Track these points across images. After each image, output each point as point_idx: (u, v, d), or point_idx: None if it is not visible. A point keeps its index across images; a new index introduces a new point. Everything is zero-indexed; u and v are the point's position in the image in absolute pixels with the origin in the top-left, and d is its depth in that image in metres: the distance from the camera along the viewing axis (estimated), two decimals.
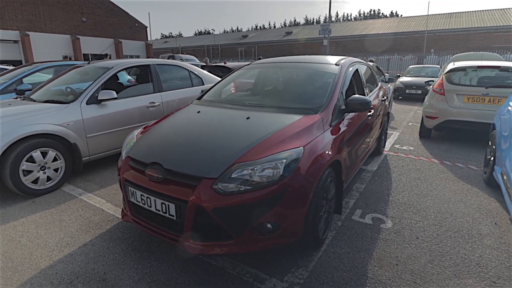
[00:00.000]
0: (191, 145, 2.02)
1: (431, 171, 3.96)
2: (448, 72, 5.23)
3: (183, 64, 5.04)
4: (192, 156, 1.92)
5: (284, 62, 3.28)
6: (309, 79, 2.89)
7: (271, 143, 1.96)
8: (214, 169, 1.80)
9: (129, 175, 2.08)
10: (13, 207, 2.97)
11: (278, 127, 2.13)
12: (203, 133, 2.16)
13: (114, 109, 3.76)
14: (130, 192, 2.07)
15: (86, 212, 2.84)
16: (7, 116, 3.03)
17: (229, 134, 2.10)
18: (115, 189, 3.35)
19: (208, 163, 1.84)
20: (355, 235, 2.49)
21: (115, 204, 3.00)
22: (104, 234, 2.47)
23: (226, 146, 1.95)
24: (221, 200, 1.73)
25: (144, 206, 1.99)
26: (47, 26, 21.51)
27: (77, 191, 3.32)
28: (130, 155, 2.17)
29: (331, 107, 2.47)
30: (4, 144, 2.86)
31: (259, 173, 1.79)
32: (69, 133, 3.33)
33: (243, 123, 2.25)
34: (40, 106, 3.33)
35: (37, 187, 3.15)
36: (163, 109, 4.36)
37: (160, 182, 1.89)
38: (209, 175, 1.78)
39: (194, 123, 2.36)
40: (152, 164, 1.97)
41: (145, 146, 2.18)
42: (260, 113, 2.42)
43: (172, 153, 1.97)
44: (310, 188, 1.90)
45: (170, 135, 2.21)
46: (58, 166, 3.30)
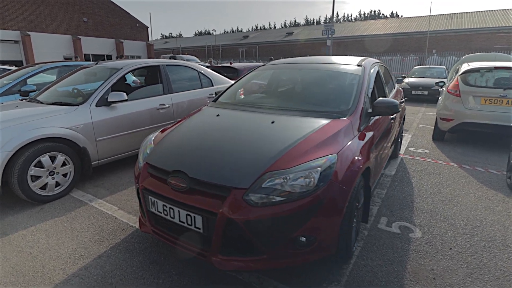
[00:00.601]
0: (216, 152, 1.88)
1: (451, 175, 3.84)
2: (464, 73, 5.10)
3: (192, 64, 4.91)
4: (218, 164, 1.78)
5: (303, 63, 3.15)
6: (332, 80, 2.76)
7: (302, 150, 1.83)
8: (244, 179, 1.67)
9: (149, 184, 1.95)
10: (21, 214, 2.83)
11: (307, 132, 2.00)
12: (227, 138, 2.03)
13: (124, 112, 3.63)
14: (150, 202, 1.93)
15: (98, 220, 2.70)
16: (14, 119, 2.89)
17: (256, 139, 1.97)
18: (127, 195, 3.21)
19: (237, 172, 1.71)
20: (384, 245, 2.35)
21: (128, 211, 2.86)
22: (119, 245, 2.34)
23: (254, 153, 1.82)
24: (253, 212, 1.60)
25: (166, 217, 1.85)
26: (48, 26, 21.36)
27: (87, 197, 3.18)
28: (150, 162, 2.03)
29: (358, 111, 2.34)
30: (12, 149, 2.72)
31: (292, 183, 1.66)
32: (78, 137, 3.19)
33: (268, 128, 2.11)
34: (48, 109, 3.19)
35: (45, 193, 3.02)
36: (173, 111, 4.23)
37: (184, 192, 1.76)
38: (240, 185, 1.65)
39: (215, 127, 2.23)
40: (175, 172, 1.84)
41: (166, 152, 2.04)
42: (284, 116, 2.29)
43: (197, 161, 1.84)
44: (346, 197, 1.77)
45: (192, 141, 2.08)
46: (67, 171, 3.16)
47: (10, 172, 2.77)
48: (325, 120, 2.18)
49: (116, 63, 4.08)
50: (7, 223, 2.67)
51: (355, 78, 2.69)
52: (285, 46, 41.41)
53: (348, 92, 2.54)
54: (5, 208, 2.95)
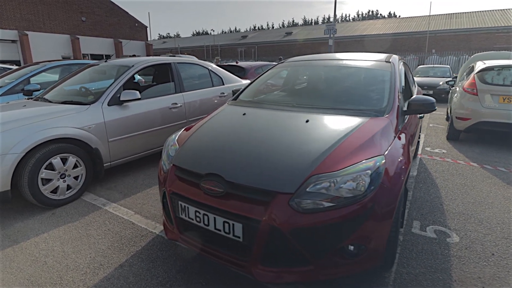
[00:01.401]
0: (252, 154, 1.74)
1: (474, 176, 3.71)
2: (481, 71, 4.99)
3: (203, 63, 4.75)
4: (258, 166, 1.64)
5: (327, 60, 3.01)
6: (362, 77, 2.63)
7: (346, 151, 1.69)
8: (289, 182, 1.52)
9: (178, 188, 1.80)
10: (31, 220, 2.66)
11: (347, 132, 1.86)
12: (261, 139, 1.88)
13: (136, 111, 3.47)
14: (180, 207, 1.78)
15: (115, 226, 2.54)
16: (23, 119, 2.73)
17: (294, 140, 1.82)
18: (141, 198, 3.05)
19: (280, 175, 1.56)
20: (422, 251, 2.22)
21: (145, 215, 2.71)
22: (140, 253, 2.18)
23: (296, 155, 1.67)
24: (300, 219, 1.45)
25: (199, 225, 1.70)
26: (46, 26, 21.09)
27: (100, 200, 3.02)
28: (177, 164, 1.88)
29: (395, 109, 2.21)
30: (22, 150, 2.55)
31: (339, 187, 1.51)
32: (91, 137, 3.03)
33: (304, 127, 1.97)
34: (59, 108, 3.03)
35: (56, 197, 2.85)
36: (185, 110, 4.07)
37: (220, 197, 1.61)
38: (285, 190, 1.50)
39: (246, 127, 2.08)
40: (209, 175, 1.69)
41: (195, 154, 1.89)
42: (317, 115, 2.14)
43: (233, 163, 1.69)
44: (395, 201, 1.63)
45: (223, 142, 1.93)
46: (78, 173, 3.00)
47: (19, 175, 2.60)
48: (363, 119, 2.04)
49: (126, 60, 3.92)
50: (17, 230, 2.51)
51: (386, 75, 2.56)
52: (284, 46, 41.30)
53: (381, 90, 2.41)
54: (14, 213, 2.79)
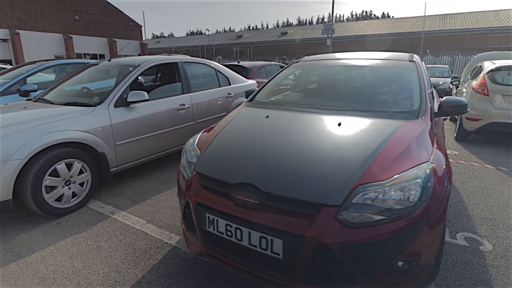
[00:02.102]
0: (287, 161, 1.59)
1: (492, 178, 3.62)
2: (491, 72, 4.93)
3: (210, 62, 4.59)
4: (296, 175, 1.49)
5: (347, 59, 2.87)
6: (389, 77, 2.50)
7: (389, 158, 1.55)
8: (335, 194, 1.38)
9: (204, 198, 1.64)
10: (34, 231, 2.47)
11: (385, 136, 1.72)
12: (293, 143, 1.73)
13: (143, 113, 3.29)
14: (207, 220, 1.62)
15: (127, 237, 2.37)
16: (26, 122, 2.53)
17: (330, 145, 1.68)
18: (152, 206, 2.88)
19: (324, 185, 1.42)
20: (457, 261, 2.10)
21: (158, 225, 2.54)
22: (158, 267, 2.02)
23: (336, 162, 1.53)
24: (350, 235, 1.31)
25: (231, 239, 1.55)
26: (39, 25, 20.61)
27: (107, 208, 2.84)
28: (202, 172, 1.72)
29: (428, 111, 2.08)
30: (25, 156, 2.36)
31: (388, 198, 1.38)
32: (97, 141, 2.84)
33: (337, 131, 1.83)
34: (63, 110, 2.83)
35: (61, 205, 2.66)
36: (192, 112, 3.91)
37: (256, 210, 1.46)
38: (331, 202, 1.36)
39: (274, 131, 1.93)
40: (241, 185, 1.53)
41: (221, 160, 1.73)
42: (348, 117, 2.00)
43: (268, 172, 1.54)
44: (444, 212, 1.50)
45: (252, 147, 1.77)
46: (84, 179, 2.81)
47: (22, 183, 2.41)
48: (398, 122, 1.91)
49: (131, 59, 3.74)
50: (20, 242, 2.32)
51: (413, 75, 2.44)
52: (280, 46, 41.23)
53: (410, 90, 2.28)
54: (16, 224, 2.59)
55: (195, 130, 3.99)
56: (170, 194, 3.13)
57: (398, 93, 2.30)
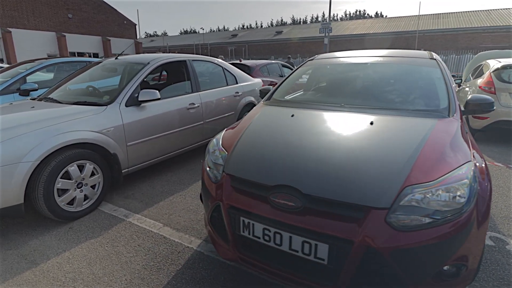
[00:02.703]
0: (326, 161, 1.52)
1: (504, 176, 3.62)
2: (497, 70, 4.94)
3: (217, 60, 4.50)
4: (338, 176, 1.42)
5: (365, 57, 2.82)
6: (412, 75, 2.45)
7: (431, 158, 1.50)
8: (382, 195, 1.32)
9: (238, 201, 1.56)
10: (47, 236, 2.37)
11: (422, 136, 1.67)
12: (328, 143, 1.67)
13: (154, 112, 3.19)
14: (241, 224, 1.55)
15: (145, 241, 2.28)
16: (36, 122, 2.42)
17: (367, 145, 1.62)
18: (166, 208, 2.79)
19: (370, 186, 1.36)
20: (487, 261, 2.06)
21: (175, 228, 2.45)
22: (182, 273, 1.94)
23: (378, 163, 1.47)
24: (402, 239, 1.25)
25: (268, 244, 1.48)
26: (31, 23, 20.17)
27: (120, 211, 2.74)
28: (234, 174, 1.65)
29: (458, 109, 2.04)
30: (37, 158, 2.26)
31: (436, 199, 1.32)
32: (109, 142, 2.74)
33: (370, 130, 1.77)
34: (73, 109, 2.72)
35: (73, 209, 2.56)
36: (202, 111, 3.82)
37: (298, 213, 1.39)
38: (380, 204, 1.30)
39: (305, 130, 1.86)
40: (278, 187, 1.46)
41: (254, 161, 1.66)
42: (379, 116, 1.95)
43: (308, 173, 1.47)
44: (488, 212, 1.46)
45: (284, 147, 1.70)
46: (95, 182, 2.71)
47: (33, 186, 2.30)
48: (431, 120, 1.86)
49: (140, 57, 3.63)
50: (33, 249, 2.21)
51: (437, 72, 2.40)
52: (275, 45, 41.18)
53: (436, 88, 2.24)
54: (26, 228, 2.48)
55: (204, 130, 3.91)
56: (183, 195, 3.05)
57: (424, 91, 2.25)
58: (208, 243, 2.24)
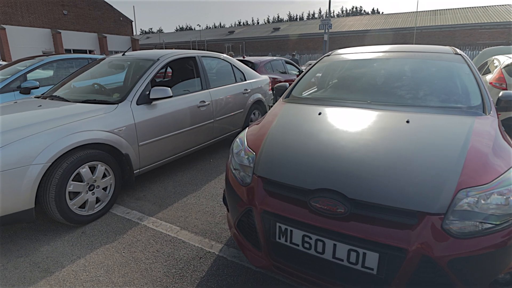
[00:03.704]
0: (368, 163, 1.42)
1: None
2: (508, 66, 4.88)
3: (226, 56, 4.38)
4: (386, 179, 1.33)
5: (387, 52, 2.72)
6: (440, 71, 2.35)
7: (480, 158, 1.41)
8: (436, 200, 1.23)
9: (274, 206, 1.46)
10: (59, 242, 2.25)
11: (465, 135, 1.58)
12: (367, 143, 1.57)
13: (165, 110, 3.07)
14: (277, 230, 1.45)
15: (164, 246, 2.17)
16: (46, 122, 2.29)
17: (406, 145, 1.53)
18: (181, 210, 2.68)
19: (421, 190, 1.26)
20: None
21: (194, 231, 2.35)
22: (207, 280, 1.84)
23: (425, 164, 1.38)
24: (460, 246, 1.17)
25: (308, 252, 1.38)
26: (25, 19, 19.78)
27: (133, 214, 2.63)
28: (266, 176, 1.55)
29: (492, 106, 1.96)
30: (48, 160, 2.13)
31: (492, 203, 1.24)
32: (121, 142, 2.62)
33: (408, 129, 1.67)
34: (83, 108, 2.60)
35: (84, 212, 2.44)
36: (212, 109, 3.70)
37: (342, 219, 1.30)
38: (434, 210, 1.21)
39: (336, 129, 1.76)
40: (319, 191, 1.36)
41: (288, 163, 1.56)
42: (414, 114, 1.85)
43: (351, 175, 1.37)
44: None
45: (320, 148, 1.59)
46: (107, 183, 2.59)
47: (44, 189, 2.18)
48: (469, 118, 1.77)
49: (149, 53, 3.50)
50: (45, 256, 2.09)
51: (465, 68, 2.31)
52: (272, 41, 40.98)
53: (467, 84, 2.15)
54: (36, 233, 2.36)
55: (214, 129, 3.80)
56: (197, 197, 2.94)
57: (455, 87, 2.16)
58: (230, 248, 2.14)
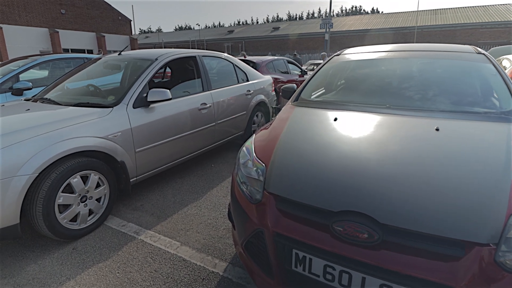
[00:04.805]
0: (399, 181, 1.23)
1: None
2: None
3: (227, 56, 4.18)
4: (423, 201, 1.13)
5: (401, 51, 2.53)
6: (462, 71, 2.16)
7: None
8: (486, 227, 1.03)
9: (288, 229, 1.27)
10: (47, 259, 2.05)
11: (503, 144, 1.39)
12: (395, 156, 1.37)
13: (164, 114, 2.87)
14: (293, 257, 1.26)
15: (162, 265, 1.97)
16: (33, 128, 2.09)
17: (441, 158, 1.33)
18: (181, 222, 2.48)
19: (466, 215, 1.07)
20: None
21: (195, 247, 2.15)
22: None
23: (463, 181, 1.18)
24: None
25: (331, 284, 1.19)
26: (22, 19, 19.53)
27: (129, 227, 2.43)
28: (280, 194, 1.35)
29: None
30: (35, 170, 1.93)
31: None
32: (116, 148, 2.42)
33: (438, 138, 1.48)
34: (74, 112, 2.39)
35: (76, 226, 2.24)
36: (214, 111, 3.50)
37: (373, 248, 1.10)
38: (485, 239, 1.01)
39: (356, 139, 1.56)
40: (343, 214, 1.17)
41: (304, 179, 1.36)
42: (442, 121, 1.66)
43: (383, 197, 1.18)
44: None
45: (340, 161, 1.40)
46: (101, 194, 2.40)
47: (30, 203, 1.98)
48: (503, 125, 1.58)
49: (146, 52, 3.30)
50: (31, 276, 1.89)
51: (490, 69, 2.12)
52: (272, 41, 40.76)
53: (495, 86, 1.96)
54: (21, 249, 2.16)
55: (216, 132, 3.60)
56: (198, 206, 2.74)
57: (482, 89, 1.97)
58: (235, 267, 1.94)
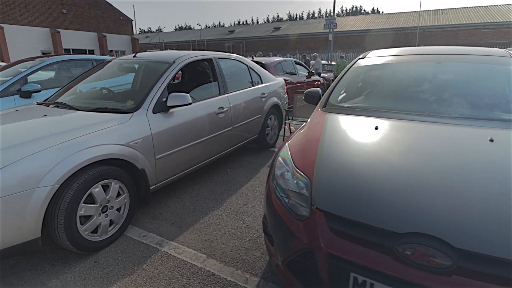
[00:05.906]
0: (469, 199, 1.13)
1: None
2: None
3: (242, 58, 4.08)
4: (500, 223, 1.04)
5: (433, 55, 2.43)
6: (502, 77, 2.07)
7: None
8: None
9: (344, 251, 1.17)
10: (69, 274, 1.95)
11: None
12: (454, 171, 1.28)
13: (183, 119, 2.77)
14: (351, 281, 1.16)
15: (191, 280, 1.87)
16: (52, 136, 1.98)
17: (506, 173, 1.24)
18: (203, 232, 2.39)
19: None
20: None
21: (223, 260, 2.05)
22: None
23: None
24: None
25: None
26: (23, 18, 19.39)
27: (151, 237, 2.33)
28: (333, 212, 1.26)
29: None
30: (57, 181, 1.83)
31: None
32: (137, 156, 2.32)
33: (497, 151, 1.39)
34: (94, 118, 2.29)
35: (97, 237, 2.15)
36: (230, 115, 3.41)
37: (445, 274, 1.01)
38: None
39: (407, 150, 1.46)
40: (410, 236, 1.07)
41: (358, 195, 1.26)
42: (491, 130, 1.56)
43: (455, 218, 1.08)
44: None
45: (398, 175, 1.30)
46: (121, 203, 2.30)
47: (52, 215, 1.88)
48: None
49: (162, 54, 3.20)
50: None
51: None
52: (273, 41, 40.65)
53: None
54: (43, 263, 2.06)
55: (232, 137, 3.51)
56: (219, 215, 2.65)
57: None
58: (268, 283, 1.84)
